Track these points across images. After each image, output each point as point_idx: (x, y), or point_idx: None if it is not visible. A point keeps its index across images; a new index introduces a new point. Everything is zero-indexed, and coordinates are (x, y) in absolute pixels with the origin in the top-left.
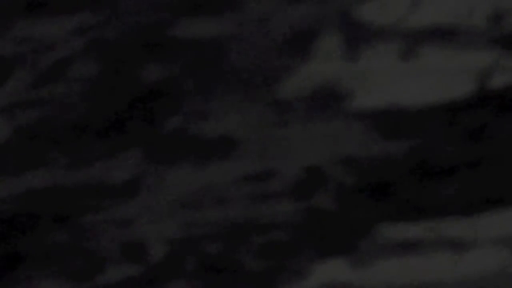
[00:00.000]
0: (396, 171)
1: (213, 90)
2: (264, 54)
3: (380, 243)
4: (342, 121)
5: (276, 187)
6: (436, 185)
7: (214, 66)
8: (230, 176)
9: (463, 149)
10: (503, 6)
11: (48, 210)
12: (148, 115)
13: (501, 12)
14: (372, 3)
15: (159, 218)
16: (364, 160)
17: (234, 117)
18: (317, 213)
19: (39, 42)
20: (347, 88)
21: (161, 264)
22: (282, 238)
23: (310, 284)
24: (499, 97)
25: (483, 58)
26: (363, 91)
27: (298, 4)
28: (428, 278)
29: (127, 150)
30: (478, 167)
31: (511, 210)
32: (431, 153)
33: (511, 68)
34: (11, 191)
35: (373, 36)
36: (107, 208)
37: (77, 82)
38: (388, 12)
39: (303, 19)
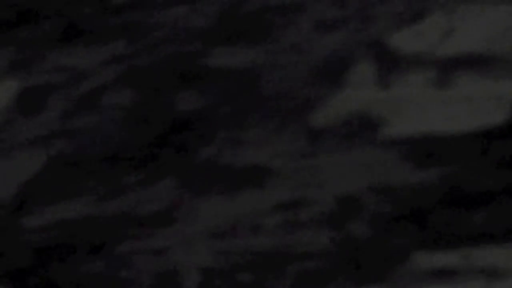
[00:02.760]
0: (430, 199)
1: (246, 120)
2: (297, 83)
3: (415, 271)
4: (376, 150)
5: (310, 216)
6: (470, 213)
7: (247, 96)
8: (264, 205)
9: (497, 177)
10: None
11: (83, 240)
12: (181, 144)
13: None
14: (405, 31)
15: (193, 247)
16: (398, 188)
17: (267, 146)
18: (351, 242)
19: (73, 71)
20: (381, 116)
21: None
22: (316, 267)
23: None
24: None
25: None
26: (396, 119)
27: (331, 32)
28: None
29: (161, 180)
30: None
31: None
32: (465, 181)
33: None
34: (45, 221)
35: (406, 64)
36: (142, 237)
37: (111, 111)
38: (421, 40)
39: (336, 48)
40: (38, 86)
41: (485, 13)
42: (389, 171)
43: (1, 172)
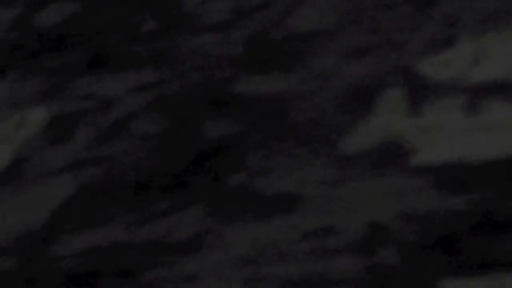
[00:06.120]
0: (460, 226)
1: (275, 147)
2: (326, 110)
3: None
4: (406, 177)
5: (339, 243)
6: (499, 239)
7: (276, 123)
8: (293, 232)
9: None
10: None
11: (111, 267)
12: (211, 171)
13: None
14: (435, 58)
15: (222, 275)
16: (427, 215)
17: (296, 173)
18: (380, 269)
19: (102, 99)
20: (410, 144)
21: None
22: None
23: None
24: None
25: None
26: (426, 146)
27: (360, 59)
28: None
29: (190, 207)
30: None
31: None
32: (495, 208)
33: None
34: (74, 248)
35: (436, 91)
36: (171, 264)
37: (140, 139)
38: (451, 67)
39: (365, 75)
40: (67, 114)
41: None
42: (419, 198)
43: (31, 200)
